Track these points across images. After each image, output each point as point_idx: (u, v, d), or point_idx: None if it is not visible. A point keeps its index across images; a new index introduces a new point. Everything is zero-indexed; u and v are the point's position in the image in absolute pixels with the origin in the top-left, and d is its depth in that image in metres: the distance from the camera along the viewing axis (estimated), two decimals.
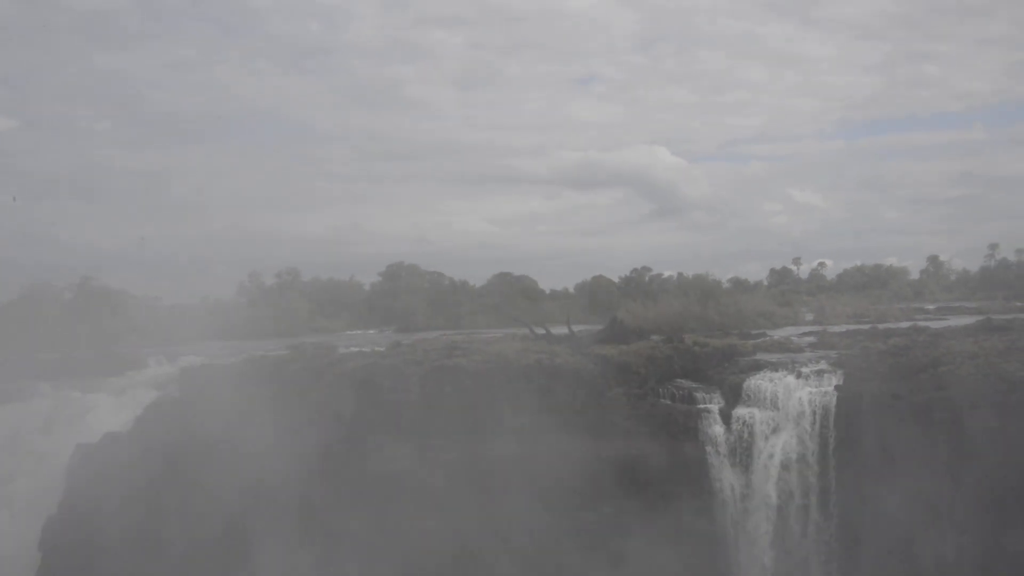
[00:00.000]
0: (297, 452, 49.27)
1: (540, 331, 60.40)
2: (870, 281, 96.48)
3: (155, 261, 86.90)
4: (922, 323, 62.29)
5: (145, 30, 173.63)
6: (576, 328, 61.56)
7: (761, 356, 53.74)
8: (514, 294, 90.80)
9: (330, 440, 50.21)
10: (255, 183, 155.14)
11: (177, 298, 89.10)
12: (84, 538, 48.86)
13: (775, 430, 48.08)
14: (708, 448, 48.55)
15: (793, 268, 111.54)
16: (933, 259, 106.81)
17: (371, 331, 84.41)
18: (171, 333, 75.06)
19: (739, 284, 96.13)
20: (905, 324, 62.03)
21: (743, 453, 48.37)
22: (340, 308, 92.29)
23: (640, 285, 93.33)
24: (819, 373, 49.44)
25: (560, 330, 60.56)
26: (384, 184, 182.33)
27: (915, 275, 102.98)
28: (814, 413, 47.35)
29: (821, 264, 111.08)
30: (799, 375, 49.31)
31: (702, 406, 49.70)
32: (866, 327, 61.60)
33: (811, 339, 59.49)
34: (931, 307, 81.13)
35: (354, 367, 53.88)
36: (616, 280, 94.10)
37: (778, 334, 62.09)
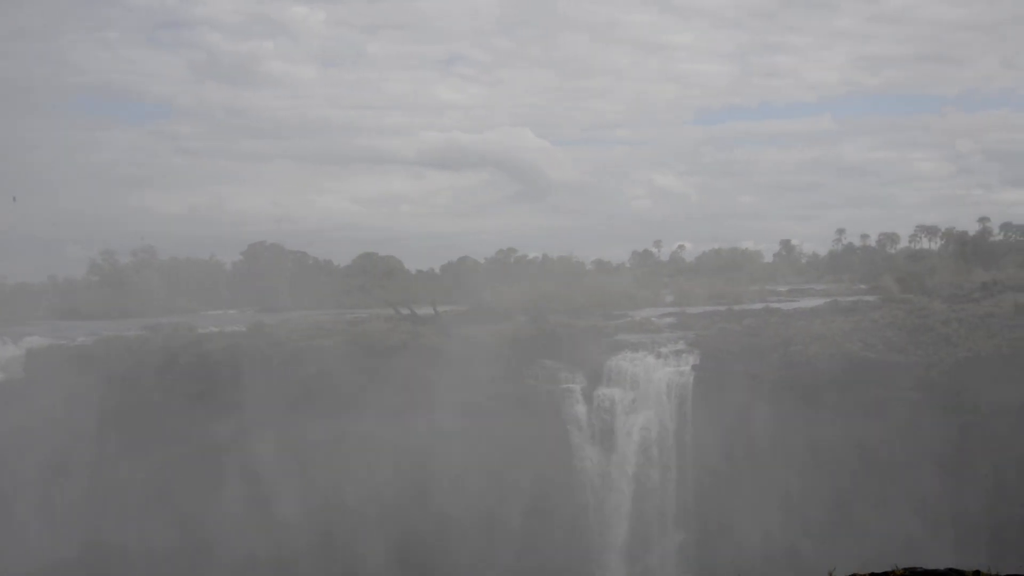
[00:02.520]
0: (151, 432, 47.92)
1: (405, 312, 60.13)
2: (727, 264, 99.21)
3: None
4: (775, 305, 64.46)
5: None
6: (442, 309, 61.54)
7: (623, 337, 54.81)
8: (379, 275, 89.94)
9: (187, 421, 48.94)
10: (108, 158, 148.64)
11: (23, 276, 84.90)
12: None
13: (635, 409, 49.27)
14: (570, 427, 49.39)
15: (654, 251, 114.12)
16: (786, 243, 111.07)
17: (232, 311, 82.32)
18: (16, 313, 71.40)
19: (602, 266, 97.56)
20: (759, 306, 64.13)
21: (604, 431, 49.39)
22: (200, 288, 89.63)
23: (506, 266, 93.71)
24: (678, 353, 50.81)
25: (426, 311, 60.37)
26: (245, 162, 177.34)
27: (769, 258, 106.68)
28: (672, 392, 48.74)
29: (681, 247, 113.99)
30: (659, 355, 50.58)
31: (565, 386, 50.44)
32: (723, 308, 63.41)
33: (671, 320, 60.91)
34: (783, 289, 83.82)
35: (214, 348, 52.53)
36: (482, 261, 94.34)
37: (639, 315, 63.32)
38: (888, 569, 12.43)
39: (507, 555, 47.42)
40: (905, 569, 12.37)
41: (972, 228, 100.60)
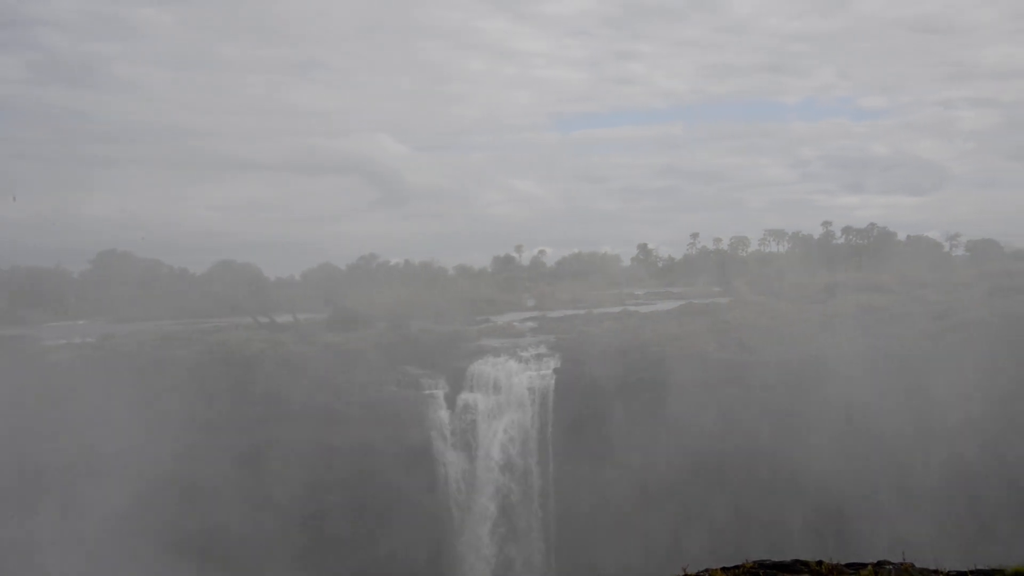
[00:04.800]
0: None
1: (264, 320, 58.98)
2: (586, 268, 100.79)
3: None
4: (632, 308, 65.97)
5: None
6: (302, 316, 60.62)
7: (485, 341, 55.18)
8: (237, 283, 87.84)
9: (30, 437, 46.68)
10: None
11: None
12: None
13: (498, 413, 49.62)
14: (433, 433, 49.34)
15: (515, 255, 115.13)
16: (643, 247, 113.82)
17: (81, 322, 78.98)
18: None
19: (464, 271, 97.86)
20: (617, 309, 65.50)
21: (467, 436, 49.55)
22: (45, 299, 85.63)
23: (367, 272, 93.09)
24: (539, 357, 51.43)
25: (286, 319, 59.36)
26: (93, 168, 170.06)
27: (627, 262, 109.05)
28: (534, 396, 49.30)
29: (541, 252, 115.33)
30: (520, 359, 51.10)
31: (428, 392, 50.38)
32: (583, 312, 64.54)
33: (532, 324, 61.64)
34: (641, 292, 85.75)
35: (59, 360, 50.29)
36: (343, 268, 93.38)
37: (501, 320, 63.85)
38: (740, 562, 12.94)
39: (368, 562, 46.93)
40: (755, 562, 12.89)
41: (816, 232, 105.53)
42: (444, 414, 49.61)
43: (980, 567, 12.43)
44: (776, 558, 13.18)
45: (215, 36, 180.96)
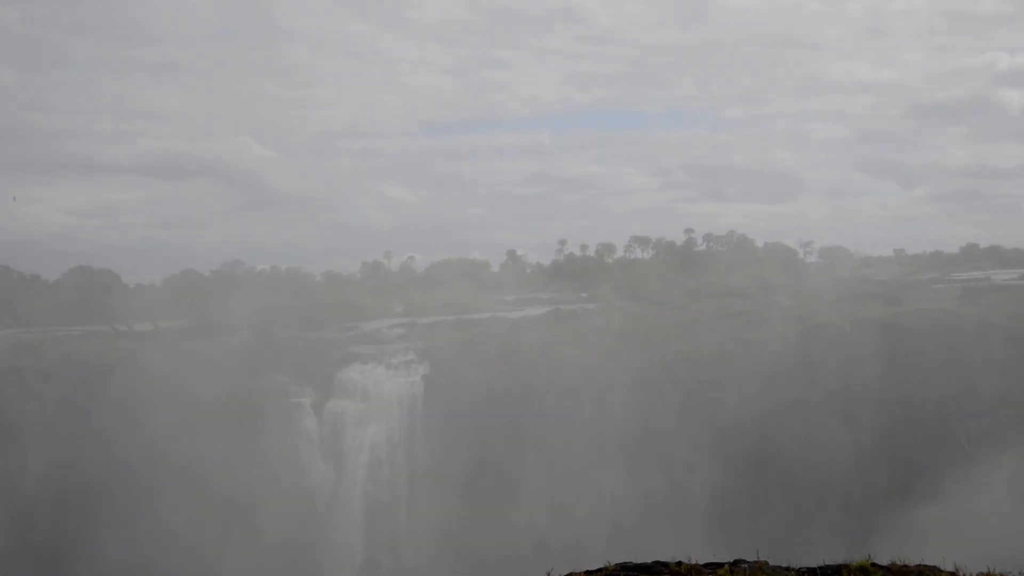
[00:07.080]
0: None
1: (122, 328, 57.03)
2: (456, 274, 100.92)
3: None
4: (501, 314, 66.41)
5: None
6: (163, 324, 58.82)
7: (353, 348, 54.66)
8: (94, 289, 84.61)
9: None
10: None
11: None
12: None
13: (366, 421, 49.24)
14: (300, 442, 48.62)
15: (384, 262, 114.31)
16: (512, 253, 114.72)
17: None
18: None
19: (332, 277, 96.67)
20: (487, 315, 65.84)
21: (335, 445, 49.00)
22: None
23: (232, 278, 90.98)
24: (408, 363, 51.30)
25: (146, 326, 57.52)
26: None
27: (496, 268, 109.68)
28: (403, 402, 49.15)
29: (411, 258, 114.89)
30: (389, 366, 50.85)
31: (294, 400, 49.62)
32: (452, 318, 64.63)
33: (401, 331, 61.37)
34: (510, 298, 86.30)
35: None
36: (207, 274, 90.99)
37: (370, 326, 63.35)
38: (602, 565, 13.20)
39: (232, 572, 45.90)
40: (617, 564, 13.17)
41: (679, 238, 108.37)
42: (311, 422, 48.92)
43: (828, 563, 12.98)
44: (638, 560, 13.49)
45: (65, 34, 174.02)
